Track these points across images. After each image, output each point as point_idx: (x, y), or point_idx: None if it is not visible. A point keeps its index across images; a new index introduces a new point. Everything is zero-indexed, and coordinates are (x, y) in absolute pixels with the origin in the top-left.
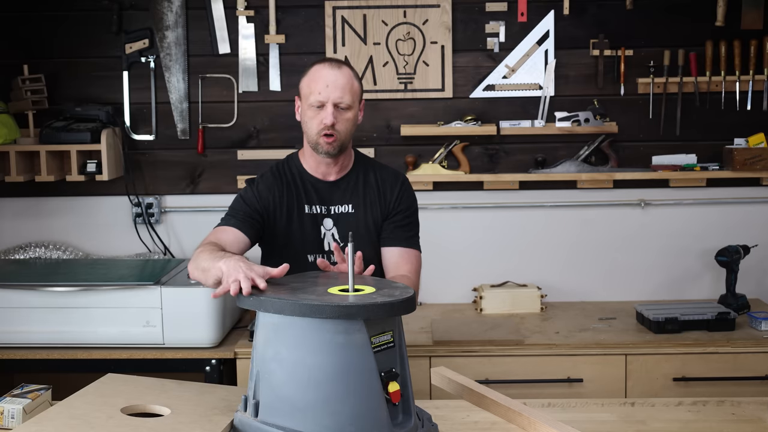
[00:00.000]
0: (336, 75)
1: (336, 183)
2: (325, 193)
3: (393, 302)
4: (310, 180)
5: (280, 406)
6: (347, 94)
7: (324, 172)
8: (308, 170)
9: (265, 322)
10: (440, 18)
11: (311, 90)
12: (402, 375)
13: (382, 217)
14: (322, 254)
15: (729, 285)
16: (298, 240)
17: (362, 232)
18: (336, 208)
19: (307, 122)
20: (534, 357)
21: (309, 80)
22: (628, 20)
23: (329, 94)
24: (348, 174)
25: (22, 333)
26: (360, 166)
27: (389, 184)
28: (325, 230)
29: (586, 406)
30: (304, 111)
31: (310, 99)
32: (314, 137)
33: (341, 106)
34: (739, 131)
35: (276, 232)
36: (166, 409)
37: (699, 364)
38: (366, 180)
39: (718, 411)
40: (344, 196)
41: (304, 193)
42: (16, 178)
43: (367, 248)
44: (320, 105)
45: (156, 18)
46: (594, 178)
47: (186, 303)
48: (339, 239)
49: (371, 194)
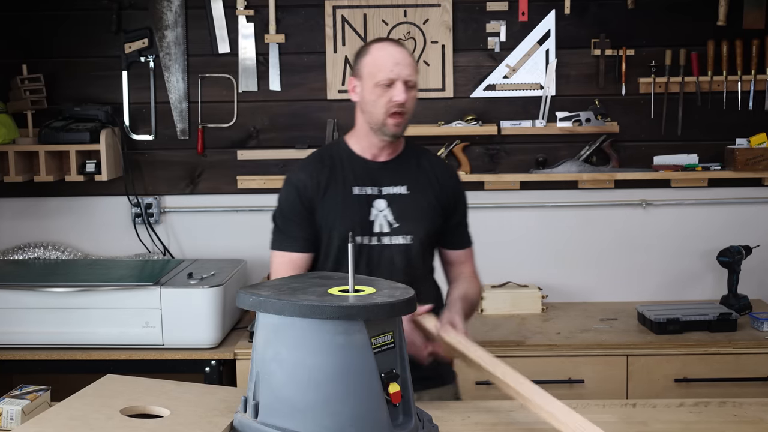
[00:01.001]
0: (403, 53)
1: (387, 164)
2: (376, 173)
3: (393, 303)
4: (359, 160)
5: (280, 407)
6: (414, 73)
7: (375, 153)
8: (357, 151)
9: (265, 322)
10: (441, 17)
11: (379, 68)
12: (402, 376)
13: (439, 206)
14: (372, 236)
15: (731, 286)
16: (346, 222)
17: (417, 215)
18: (389, 189)
19: (373, 101)
20: (535, 358)
21: (373, 59)
22: (630, 20)
23: (400, 71)
24: (399, 156)
25: (21, 334)
26: (411, 149)
27: (445, 174)
28: (377, 211)
29: (587, 407)
30: (369, 90)
31: (377, 77)
32: (381, 117)
33: (409, 84)
34: (741, 131)
35: (323, 216)
36: (165, 410)
37: (700, 365)
38: (419, 163)
39: (719, 412)
40: (396, 177)
41: (353, 174)
42: (14, 179)
43: (420, 233)
44: (389, 83)
45: (155, 17)
46: (595, 178)
47: (185, 304)
48: (394, 221)
49: (424, 178)
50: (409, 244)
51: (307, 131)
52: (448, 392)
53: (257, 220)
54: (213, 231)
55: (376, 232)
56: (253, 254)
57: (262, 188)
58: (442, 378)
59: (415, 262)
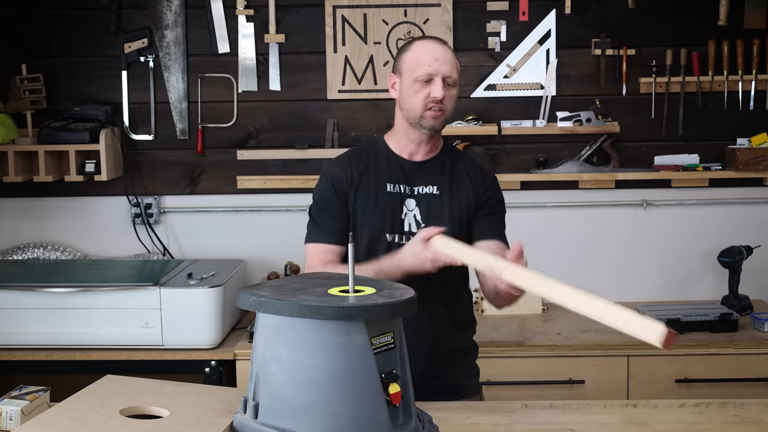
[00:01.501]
0: (444, 50)
1: (422, 164)
2: (410, 172)
3: (394, 303)
4: (395, 159)
5: (279, 407)
6: (455, 71)
7: (412, 151)
8: (395, 150)
9: (265, 323)
10: (441, 17)
11: (419, 63)
12: (403, 376)
13: (469, 207)
14: (402, 234)
15: (732, 286)
16: (378, 218)
17: (445, 218)
18: (420, 188)
19: (412, 96)
20: (535, 358)
21: (414, 55)
22: (630, 19)
23: (439, 67)
24: (435, 157)
25: (21, 334)
26: (448, 151)
27: (479, 175)
28: (407, 210)
29: (588, 407)
30: (408, 86)
31: (416, 73)
32: (419, 111)
33: (449, 82)
34: (742, 131)
35: (355, 210)
36: (165, 410)
37: (701, 365)
38: (454, 166)
39: (720, 413)
40: (429, 178)
41: (387, 171)
42: (14, 179)
43: (449, 235)
44: (428, 79)
45: (155, 17)
46: (596, 178)
47: (185, 304)
48: (421, 221)
49: (458, 180)
50: None
51: (307, 131)
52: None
53: (257, 221)
54: (213, 231)
55: (407, 231)
56: (253, 254)
57: (262, 188)
58: (468, 390)
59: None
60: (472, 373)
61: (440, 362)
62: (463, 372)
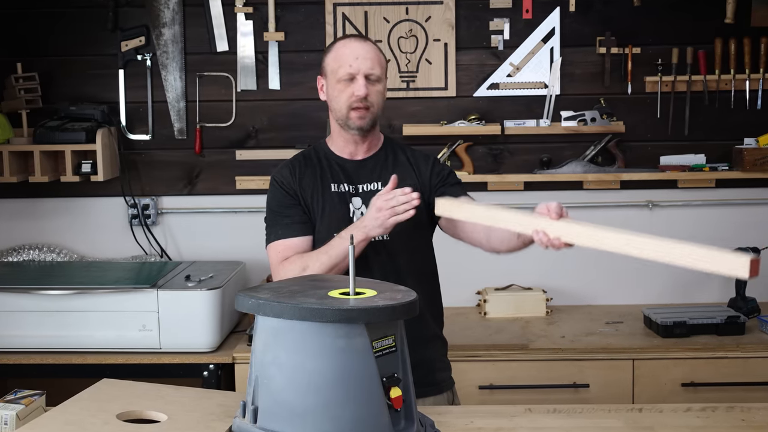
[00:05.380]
0: (364, 47)
1: (363, 162)
2: (352, 171)
3: (395, 306)
4: (336, 160)
5: (279, 411)
6: (377, 66)
7: (351, 151)
8: (335, 151)
9: (264, 325)
10: (443, 15)
11: (340, 63)
12: (404, 380)
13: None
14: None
15: (738, 288)
16: (327, 219)
17: None
18: (364, 186)
19: (336, 97)
20: (539, 362)
21: (336, 55)
22: (635, 17)
23: (360, 65)
24: (377, 153)
25: (16, 337)
26: (389, 145)
27: (420, 160)
28: (354, 209)
29: (593, 412)
30: (332, 87)
31: (339, 73)
32: (344, 112)
33: (372, 78)
34: (749, 131)
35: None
36: (162, 415)
37: (708, 369)
38: (396, 158)
39: (727, 417)
40: (373, 174)
41: (330, 172)
42: (9, 179)
43: (395, 227)
44: (350, 78)
45: (152, 15)
46: (600, 178)
47: (183, 307)
48: None
49: (402, 171)
50: (386, 240)
51: (307, 131)
52: (442, 401)
53: (256, 221)
54: (211, 232)
55: None
56: (252, 256)
57: (261, 189)
58: (439, 386)
59: (398, 258)
60: (444, 367)
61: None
62: (438, 365)
